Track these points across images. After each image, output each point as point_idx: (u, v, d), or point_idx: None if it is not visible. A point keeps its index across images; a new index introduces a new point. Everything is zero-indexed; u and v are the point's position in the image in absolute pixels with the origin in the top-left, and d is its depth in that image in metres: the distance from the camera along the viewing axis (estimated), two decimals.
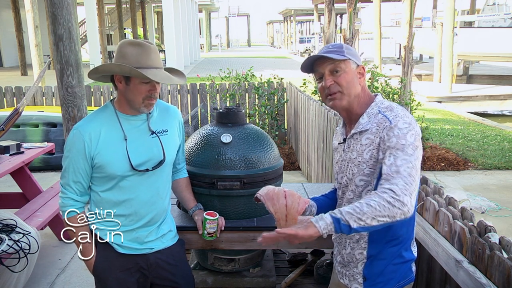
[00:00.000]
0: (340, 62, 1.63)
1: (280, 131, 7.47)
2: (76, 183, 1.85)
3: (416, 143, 1.52)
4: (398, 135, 1.51)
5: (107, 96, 7.93)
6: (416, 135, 1.53)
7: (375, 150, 1.57)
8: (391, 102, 1.65)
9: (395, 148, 1.51)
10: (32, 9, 10.44)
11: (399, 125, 1.53)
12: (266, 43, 78.81)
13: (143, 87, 1.78)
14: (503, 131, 8.52)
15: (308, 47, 35.88)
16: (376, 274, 1.64)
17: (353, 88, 1.64)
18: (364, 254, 1.66)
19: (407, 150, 1.49)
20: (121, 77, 1.80)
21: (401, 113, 1.58)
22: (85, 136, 1.81)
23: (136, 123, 1.89)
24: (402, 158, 1.48)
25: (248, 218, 2.30)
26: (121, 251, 1.91)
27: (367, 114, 1.63)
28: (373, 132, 1.58)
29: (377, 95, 1.69)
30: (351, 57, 1.64)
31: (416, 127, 1.55)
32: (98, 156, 1.82)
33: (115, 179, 1.85)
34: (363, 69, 1.68)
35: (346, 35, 7.78)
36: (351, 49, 1.68)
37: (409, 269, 1.68)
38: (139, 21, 30.68)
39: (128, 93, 1.81)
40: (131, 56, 1.76)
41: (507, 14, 19.71)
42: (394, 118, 1.55)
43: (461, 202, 4.49)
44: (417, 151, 1.51)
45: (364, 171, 1.61)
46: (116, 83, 1.82)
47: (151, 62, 1.78)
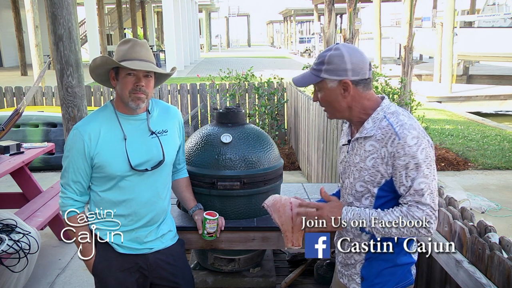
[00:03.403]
0: (317, 84, 1.62)
1: (280, 131, 7.46)
2: (76, 183, 1.85)
3: (429, 159, 1.51)
4: (409, 154, 1.50)
5: (107, 96, 7.93)
6: (426, 147, 1.51)
7: (379, 160, 1.55)
8: (398, 108, 1.61)
9: (409, 168, 1.50)
10: (32, 9, 10.43)
11: (408, 141, 1.50)
12: (266, 43, 78.78)
13: (129, 79, 1.80)
14: (503, 131, 8.51)
15: (308, 47, 35.88)
16: (374, 275, 1.64)
17: (336, 106, 1.61)
18: (363, 255, 1.65)
19: (423, 170, 1.49)
20: (114, 74, 1.83)
21: (408, 122, 1.54)
22: (85, 136, 1.81)
23: (136, 123, 1.89)
24: (420, 181, 1.50)
25: (248, 218, 2.30)
26: (121, 251, 1.91)
27: (372, 119, 1.60)
28: (378, 139, 1.56)
29: (384, 98, 1.64)
30: (327, 75, 1.57)
31: (424, 138, 1.52)
32: (97, 156, 1.82)
33: (115, 179, 1.85)
34: (347, 84, 1.57)
35: (346, 35, 7.78)
36: (334, 62, 1.57)
37: (408, 272, 1.66)
38: (139, 21, 30.66)
39: (118, 89, 1.84)
40: (119, 51, 1.81)
41: (507, 14, 19.70)
42: (401, 131, 1.52)
43: (461, 202, 4.48)
44: (432, 165, 1.52)
45: (364, 178, 1.60)
46: (111, 82, 1.86)
47: (136, 54, 1.80)
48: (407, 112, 1.62)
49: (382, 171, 1.55)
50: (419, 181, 1.49)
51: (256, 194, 2.28)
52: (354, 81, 1.58)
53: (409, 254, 1.64)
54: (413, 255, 1.66)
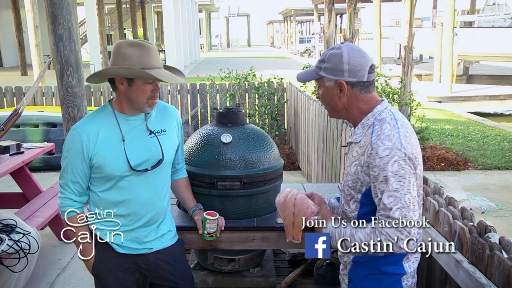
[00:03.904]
0: (317, 80, 1.62)
1: (280, 131, 7.46)
2: (75, 183, 1.85)
3: (400, 172, 1.45)
4: (379, 166, 1.46)
5: (107, 96, 7.93)
6: (399, 160, 1.45)
7: (359, 167, 1.54)
8: (390, 114, 1.55)
9: (379, 180, 1.47)
10: (32, 9, 10.44)
11: (379, 153, 1.46)
12: (266, 43, 78.77)
13: (147, 87, 1.79)
14: (503, 131, 8.52)
15: (308, 47, 35.87)
16: (359, 279, 1.63)
17: (333, 105, 1.61)
18: (351, 257, 1.66)
19: (391, 183, 1.45)
20: (123, 79, 1.79)
21: (387, 132, 1.49)
22: (83, 136, 1.81)
23: (135, 123, 1.89)
24: (388, 195, 1.45)
25: (248, 218, 2.30)
26: (121, 251, 1.91)
27: (361, 125, 1.59)
28: (361, 146, 1.55)
29: (382, 101, 1.60)
30: (324, 74, 1.57)
31: (400, 151, 1.45)
32: (96, 157, 1.82)
33: (114, 179, 1.85)
34: (342, 85, 1.55)
35: (346, 35, 7.78)
36: (332, 61, 1.55)
37: (397, 282, 1.59)
38: (139, 21, 30.66)
39: (131, 94, 1.81)
40: (133, 57, 1.75)
41: (507, 14, 19.71)
42: (375, 141, 1.48)
43: (461, 202, 4.48)
44: (407, 178, 1.45)
45: (348, 183, 1.61)
46: (117, 85, 1.81)
47: (154, 62, 1.79)
48: (400, 120, 1.54)
49: (361, 179, 1.54)
50: (387, 194, 1.46)
51: (256, 194, 2.28)
52: (350, 83, 1.55)
53: (400, 265, 1.59)
54: (405, 266, 1.60)
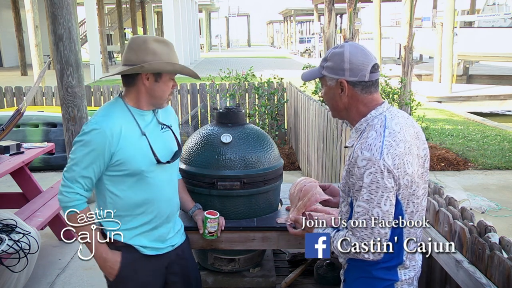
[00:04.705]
0: (320, 79, 1.61)
1: (280, 131, 7.47)
2: (86, 178, 1.78)
3: (374, 185, 1.43)
4: (357, 175, 1.46)
5: (107, 96, 7.91)
6: (375, 172, 1.42)
7: (347, 172, 1.54)
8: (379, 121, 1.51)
9: (355, 189, 1.48)
10: (32, 9, 10.44)
11: (358, 162, 1.45)
12: (266, 43, 78.78)
13: (171, 83, 1.85)
14: (503, 131, 8.52)
15: (308, 47, 35.88)
16: (352, 280, 1.63)
17: (334, 104, 1.60)
18: (346, 258, 1.66)
19: (363, 194, 1.45)
20: (150, 74, 1.79)
21: (370, 141, 1.46)
22: (107, 132, 1.75)
23: (148, 118, 1.89)
24: (358, 204, 1.47)
25: (248, 218, 2.30)
26: (146, 252, 1.89)
27: (355, 129, 1.58)
28: (351, 151, 1.54)
29: (381, 105, 1.56)
30: (326, 73, 1.56)
31: (378, 161, 1.42)
32: (119, 153, 1.77)
33: (137, 175, 1.81)
34: (343, 84, 1.53)
35: (346, 35, 7.78)
36: (333, 60, 1.54)
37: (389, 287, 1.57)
38: (139, 21, 30.64)
39: (156, 90, 1.82)
40: (162, 53, 1.79)
41: (507, 14, 19.71)
42: (356, 150, 1.47)
43: (461, 202, 4.48)
44: (379, 192, 1.43)
45: (341, 186, 1.62)
46: (142, 80, 1.79)
47: (176, 58, 1.85)
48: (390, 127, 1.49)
49: (349, 183, 1.54)
50: (358, 203, 1.47)
51: (256, 194, 2.28)
52: (351, 82, 1.53)
53: (394, 271, 1.56)
54: (399, 273, 1.56)
